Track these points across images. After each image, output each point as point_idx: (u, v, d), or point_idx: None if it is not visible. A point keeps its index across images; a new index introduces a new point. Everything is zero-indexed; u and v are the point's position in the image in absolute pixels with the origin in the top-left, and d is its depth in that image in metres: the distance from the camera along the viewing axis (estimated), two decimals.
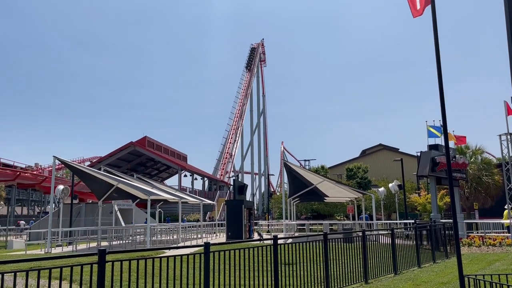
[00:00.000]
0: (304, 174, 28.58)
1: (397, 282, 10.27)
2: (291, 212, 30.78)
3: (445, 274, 11.45)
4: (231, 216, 25.21)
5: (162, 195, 24.07)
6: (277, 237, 8.32)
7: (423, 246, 14.26)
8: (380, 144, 75.12)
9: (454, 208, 7.29)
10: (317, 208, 47.63)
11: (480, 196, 31.61)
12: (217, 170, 75.38)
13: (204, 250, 6.71)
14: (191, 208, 49.82)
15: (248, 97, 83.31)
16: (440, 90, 7.17)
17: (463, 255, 14.48)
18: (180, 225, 24.94)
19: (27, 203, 66.70)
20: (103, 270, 5.30)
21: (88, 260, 5.58)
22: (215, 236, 29.70)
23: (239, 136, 78.76)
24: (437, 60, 7.28)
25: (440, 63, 7.25)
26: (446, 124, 7.37)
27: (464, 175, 25.53)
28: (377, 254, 11.32)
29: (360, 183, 52.77)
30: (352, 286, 9.80)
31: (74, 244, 21.48)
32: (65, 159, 22.44)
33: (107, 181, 22.27)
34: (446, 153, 7.21)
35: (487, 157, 34.90)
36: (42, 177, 53.14)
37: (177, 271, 6.39)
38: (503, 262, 13.84)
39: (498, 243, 18.95)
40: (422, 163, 24.06)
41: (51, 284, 5.12)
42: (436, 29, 7.39)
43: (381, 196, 35.60)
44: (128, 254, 9.28)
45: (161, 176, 79.14)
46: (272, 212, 56.00)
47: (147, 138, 59.91)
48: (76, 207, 31.31)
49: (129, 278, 5.84)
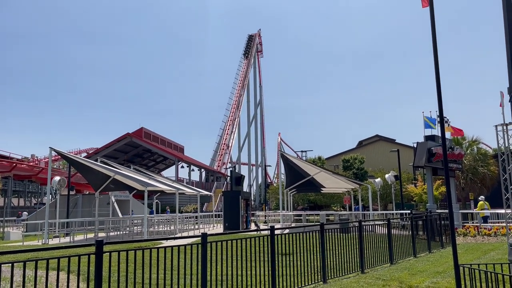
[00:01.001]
0: (301, 165, 28.62)
1: (393, 272, 10.35)
2: (288, 203, 30.88)
3: (441, 264, 11.55)
4: (228, 207, 25.27)
5: (159, 186, 24.08)
6: (274, 228, 8.34)
7: (419, 236, 14.37)
8: (377, 135, 75.25)
9: (450, 198, 7.33)
10: (314, 199, 47.82)
11: (475, 186, 31.84)
12: (214, 161, 75.39)
13: (202, 240, 6.73)
14: (188, 199, 49.89)
15: (245, 88, 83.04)
16: (437, 81, 7.17)
17: (458, 245, 14.59)
18: (177, 216, 24.99)
19: (24, 194, 66.60)
20: (100, 261, 5.31)
21: (85, 250, 5.58)
22: (212, 227, 29.80)
23: (236, 127, 78.65)
24: (434, 51, 7.26)
25: (437, 54, 7.23)
26: (443, 115, 7.37)
27: (460, 166, 25.66)
28: (374, 244, 11.40)
29: (356, 174, 52.95)
30: (348, 276, 9.88)
31: (71, 235, 21.51)
32: (62, 150, 22.36)
33: (104, 172, 22.24)
34: (443, 144, 7.23)
35: (483, 148, 35.09)
36: (38, 168, 53.07)
37: (175, 262, 6.41)
38: (498, 251, 13.96)
39: (493, 233, 19.12)
40: (418, 154, 24.14)
41: (49, 275, 5.13)
42: (433, 20, 7.36)
43: (377, 187, 35.72)
44: (126, 245, 9.30)
45: (158, 167, 79.06)
46: (269, 203, 56.19)
47: (144, 129, 59.70)
48: (73, 198, 31.29)
49: (127, 269, 5.85)
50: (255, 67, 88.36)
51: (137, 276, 5.94)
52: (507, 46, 7.82)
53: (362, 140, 78.13)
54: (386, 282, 9.00)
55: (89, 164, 22.77)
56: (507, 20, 7.56)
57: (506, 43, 7.84)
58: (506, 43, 7.83)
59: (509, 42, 7.65)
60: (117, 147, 57.76)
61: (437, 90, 7.11)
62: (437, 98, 7.12)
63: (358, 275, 10.08)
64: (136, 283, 5.85)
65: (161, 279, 8.25)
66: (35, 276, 4.93)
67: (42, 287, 7.39)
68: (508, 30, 7.54)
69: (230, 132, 76.87)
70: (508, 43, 7.67)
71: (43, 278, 7.94)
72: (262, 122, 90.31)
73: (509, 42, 7.65)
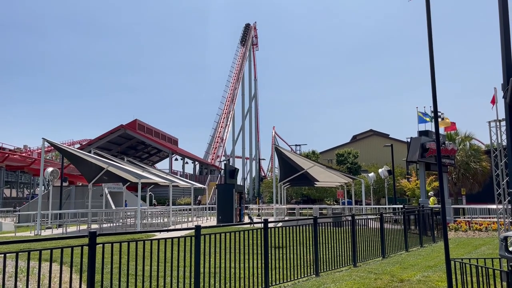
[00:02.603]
0: (295, 159, 28.66)
1: (385, 265, 10.44)
2: (281, 197, 30.98)
3: (432, 258, 11.66)
4: (222, 200, 25.29)
5: (153, 178, 24.02)
6: (268, 221, 8.37)
7: (411, 231, 14.49)
8: (371, 129, 75.53)
9: (442, 193, 7.38)
10: (307, 192, 48.04)
11: (467, 182, 32.10)
12: (208, 154, 75.29)
13: (195, 233, 6.73)
14: (182, 192, 49.86)
15: (240, 81, 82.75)
16: (432, 77, 7.18)
17: (450, 240, 14.75)
18: (171, 209, 24.98)
19: (16, 185, 66.20)
20: (93, 252, 5.30)
21: (78, 242, 5.56)
22: (206, 219, 29.83)
23: (231, 121, 78.49)
24: (429, 46, 7.27)
25: (432, 49, 7.24)
26: (437, 111, 7.40)
27: (453, 161, 25.84)
28: (366, 238, 11.48)
29: (350, 168, 53.21)
30: (341, 269, 9.95)
31: (64, 226, 21.44)
32: (55, 141, 22.19)
33: (97, 164, 22.14)
34: (436, 139, 7.27)
35: (476, 143, 35.34)
36: (31, 159, 52.69)
37: (168, 254, 6.41)
38: (488, 246, 14.12)
39: (484, 228, 19.32)
40: (412, 149, 24.26)
41: (42, 266, 5.12)
42: (429, 15, 7.36)
43: (370, 181, 35.94)
44: (119, 236, 9.30)
45: (152, 159, 78.84)
46: (263, 196, 56.36)
47: (138, 121, 59.42)
48: (66, 190, 31.15)
49: (120, 260, 5.85)
50: (250, 60, 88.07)
51: (130, 268, 5.93)
52: (502, 42, 7.84)
53: (356, 134, 78.44)
54: (378, 276, 9.08)
55: (83, 156, 22.65)
56: (502, 16, 7.58)
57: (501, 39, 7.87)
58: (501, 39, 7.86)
59: (504, 38, 7.67)
60: (111, 138, 57.48)
61: (431, 86, 7.13)
62: (431, 93, 7.14)
63: (351, 268, 10.16)
64: (129, 274, 5.85)
65: (154, 271, 8.26)
66: (28, 267, 4.91)
67: (34, 278, 7.37)
68: (503, 26, 7.57)
69: (225, 125, 76.70)
70: (503, 39, 7.70)
71: (35, 269, 7.93)
72: (256, 116, 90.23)
73: (503, 38, 7.68)
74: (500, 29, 7.76)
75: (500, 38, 7.80)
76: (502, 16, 7.60)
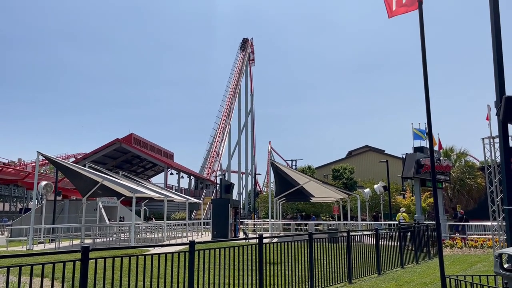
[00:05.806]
0: (291, 174, 28.63)
1: (381, 282, 10.37)
2: (277, 212, 30.84)
3: (428, 275, 11.60)
4: (217, 215, 25.13)
5: (148, 192, 23.89)
6: (263, 236, 8.33)
7: (406, 247, 14.43)
8: (366, 145, 75.76)
9: (437, 210, 7.39)
10: (303, 208, 47.82)
11: (463, 198, 32.15)
12: (204, 168, 75.09)
13: (189, 248, 6.68)
14: (177, 206, 49.54)
15: (236, 96, 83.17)
16: (426, 94, 7.26)
17: (445, 256, 14.70)
18: (165, 223, 24.78)
19: (9, 199, 65.56)
20: (86, 268, 5.24)
21: (71, 257, 5.50)
22: (200, 235, 29.60)
23: (227, 135, 78.58)
24: (423, 63, 7.37)
25: (426, 67, 7.34)
26: (431, 127, 7.46)
27: (448, 178, 25.90)
28: (361, 254, 11.42)
29: (346, 183, 53.13)
30: (336, 286, 9.87)
31: (56, 241, 21.19)
32: (49, 155, 22.08)
33: (92, 178, 22.01)
34: (431, 156, 7.31)
35: (471, 160, 35.53)
36: (25, 172, 52.28)
37: (162, 270, 6.35)
38: (484, 263, 14.08)
39: (480, 245, 19.28)
40: (407, 165, 24.34)
41: (33, 281, 5.04)
42: (423, 33, 7.48)
43: (366, 197, 35.88)
44: (112, 251, 9.20)
45: (147, 173, 78.47)
46: (258, 212, 56.04)
47: (133, 135, 59.32)
48: (60, 204, 30.88)
49: (113, 276, 5.78)
50: (247, 75, 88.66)
51: (123, 284, 5.86)
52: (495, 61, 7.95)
53: (352, 150, 78.60)
54: None
55: (77, 169, 22.53)
56: (495, 34, 7.70)
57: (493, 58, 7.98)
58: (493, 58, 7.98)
59: (497, 56, 7.78)
60: (106, 152, 57.26)
61: (426, 103, 7.21)
62: (425, 110, 7.21)
63: (346, 285, 10.08)
64: None
65: (148, 287, 8.16)
66: (19, 282, 4.85)
67: None
68: (495, 44, 7.68)
69: (221, 139, 76.75)
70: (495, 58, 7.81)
71: (26, 285, 7.80)
72: (253, 130, 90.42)
73: (496, 56, 7.78)
74: (492, 48, 7.88)
75: (493, 57, 7.91)
76: (495, 34, 7.73)
